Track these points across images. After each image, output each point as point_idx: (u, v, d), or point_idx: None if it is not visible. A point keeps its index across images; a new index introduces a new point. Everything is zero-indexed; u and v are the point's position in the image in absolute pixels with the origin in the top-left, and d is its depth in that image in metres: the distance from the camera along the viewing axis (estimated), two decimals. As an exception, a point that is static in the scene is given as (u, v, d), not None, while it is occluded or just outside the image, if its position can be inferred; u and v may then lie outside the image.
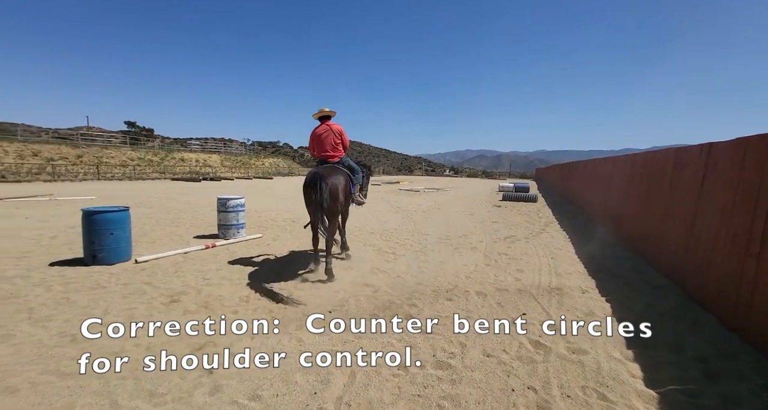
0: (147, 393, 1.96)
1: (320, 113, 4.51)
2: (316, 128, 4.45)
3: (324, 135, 4.37)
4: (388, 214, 9.58)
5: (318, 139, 4.38)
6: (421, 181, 32.49)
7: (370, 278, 4.01)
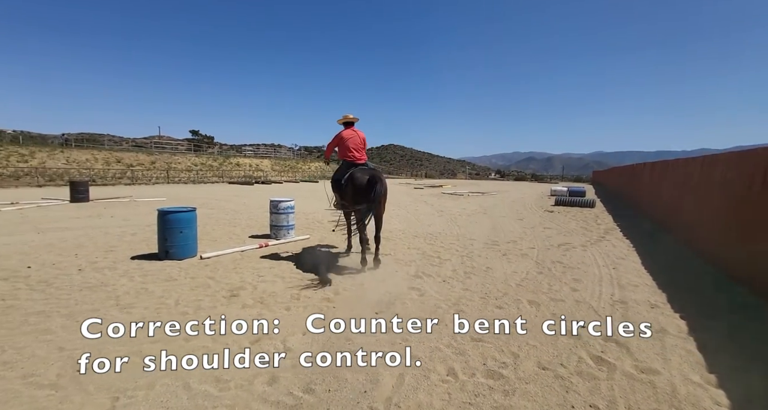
0: (213, 378, 2.14)
1: (344, 119, 4.76)
2: (344, 131, 4.72)
3: (353, 139, 4.65)
4: (431, 217, 9.48)
5: (347, 142, 4.64)
6: (464, 184, 31.72)
7: (415, 282, 3.99)
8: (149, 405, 1.89)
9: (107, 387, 2.02)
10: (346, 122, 4.76)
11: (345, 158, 4.69)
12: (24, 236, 6.11)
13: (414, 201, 14.35)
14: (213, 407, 1.87)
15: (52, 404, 1.87)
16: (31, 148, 23.56)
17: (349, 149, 4.64)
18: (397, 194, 18.31)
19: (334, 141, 4.76)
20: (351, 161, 4.64)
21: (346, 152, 4.66)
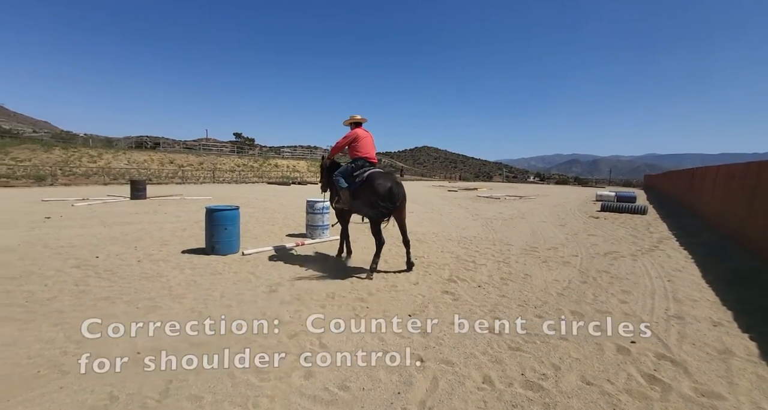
0: (254, 370, 2.25)
1: (352, 120, 4.67)
2: (358, 130, 4.62)
3: (368, 138, 4.62)
4: (466, 221, 9.28)
5: (363, 141, 4.55)
6: (501, 188, 30.74)
7: (449, 286, 3.94)
8: (198, 389, 2.03)
9: (162, 372, 2.20)
10: (355, 123, 4.66)
11: (360, 156, 4.51)
12: (93, 229, 6.81)
13: (448, 204, 14.14)
14: (255, 396, 1.97)
15: (116, 380, 2.07)
16: (99, 150, 26.25)
17: (365, 148, 4.51)
18: (431, 196, 18.13)
19: (347, 140, 4.57)
20: (365, 161, 4.52)
21: (361, 150, 4.51)
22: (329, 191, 5.08)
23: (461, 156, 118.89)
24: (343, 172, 4.61)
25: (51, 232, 6.32)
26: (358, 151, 4.53)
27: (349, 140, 4.57)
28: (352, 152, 4.58)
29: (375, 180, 4.18)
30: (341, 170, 4.64)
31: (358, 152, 4.52)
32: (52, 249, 5.10)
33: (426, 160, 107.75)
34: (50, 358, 2.29)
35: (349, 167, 4.61)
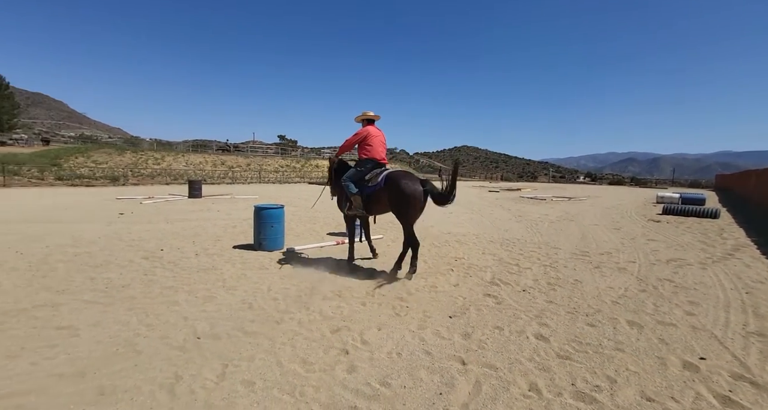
0: (300, 359, 2.36)
1: (364, 116, 4.36)
2: (369, 127, 4.28)
3: (379, 137, 4.28)
4: (508, 222, 8.94)
5: (375, 140, 4.21)
6: (547, 188, 29.16)
7: (491, 289, 3.82)
8: (251, 374, 2.17)
9: (219, 355, 2.39)
10: (367, 120, 4.34)
11: (371, 156, 4.18)
12: (158, 224, 7.53)
13: (489, 205, 13.70)
14: (301, 385, 2.06)
15: (181, 362, 2.28)
16: (162, 153, 28.95)
17: (375, 148, 4.18)
18: (471, 197, 17.69)
19: (357, 138, 4.24)
20: (375, 162, 4.19)
21: (372, 151, 4.18)
22: (338, 196, 4.68)
23: (503, 155, 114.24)
24: (352, 176, 4.24)
25: (124, 227, 7.09)
26: (367, 151, 4.20)
27: (359, 137, 4.23)
28: (361, 151, 4.25)
29: (399, 181, 3.92)
30: (349, 175, 4.27)
31: (368, 153, 4.20)
32: (126, 242, 5.72)
33: (465, 160, 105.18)
34: (126, 338, 2.58)
35: (358, 171, 4.24)
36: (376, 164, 4.22)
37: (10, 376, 2.07)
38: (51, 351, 2.36)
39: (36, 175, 18.04)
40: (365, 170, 4.20)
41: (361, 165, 4.23)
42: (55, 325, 2.74)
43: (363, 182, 4.18)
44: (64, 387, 1.99)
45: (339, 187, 4.49)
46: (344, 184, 4.25)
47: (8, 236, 5.80)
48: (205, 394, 1.97)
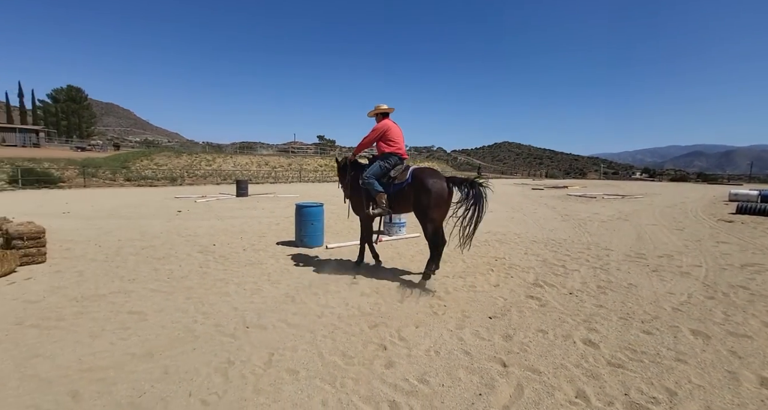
0: (340, 352, 2.44)
1: (378, 110, 4.12)
2: (387, 121, 4.04)
3: (399, 131, 4.04)
4: (553, 222, 8.48)
5: (397, 135, 3.99)
6: (597, 185, 27.20)
7: (534, 291, 3.66)
8: (295, 364, 2.29)
9: (265, 344, 2.54)
10: (383, 113, 4.12)
11: (394, 152, 3.93)
12: (210, 221, 8.13)
13: (532, 203, 13.09)
14: (342, 377, 2.13)
15: (232, 348, 2.47)
16: (213, 155, 31.16)
17: (397, 141, 3.96)
18: (512, 195, 17.01)
19: (377, 133, 3.96)
20: (398, 157, 3.94)
21: (394, 145, 3.95)
22: (354, 197, 4.31)
23: (548, 151, 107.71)
24: (376, 173, 3.93)
25: (182, 223, 7.75)
26: (389, 145, 3.93)
27: (379, 132, 3.95)
28: (382, 146, 3.99)
29: (427, 179, 3.72)
30: (373, 171, 3.92)
31: (390, 147, 3.93)
32: (183, 237, 6.25)
33: (506, 156, 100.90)
34: (185, 325, 2.83)
35: (382, 165, 3.93)
36: (400, 159, 3.98)
37: (93, 353, 2.37)
38: (125, 333, 2.66)
39: (109, 176, 20.28)
40: (389, 166, 3.92)
41: (385, 160, 3.93)
42: (127, 310, 3.09)
43: (387, 179, 3.92)
44: (136, 365, 2.24)
45: (356, 188, 4.17)
46: (367, 182, 3.91)
47: (89, 231, 6.60)
48: (254, 379, 2.11)
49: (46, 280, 3.82)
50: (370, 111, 4.21)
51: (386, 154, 3.94)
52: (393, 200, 3.93)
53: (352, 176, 4.22)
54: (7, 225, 4.50)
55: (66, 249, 5.13)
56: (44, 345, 2.45)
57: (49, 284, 3.68)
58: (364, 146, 4.07)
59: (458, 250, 5.44)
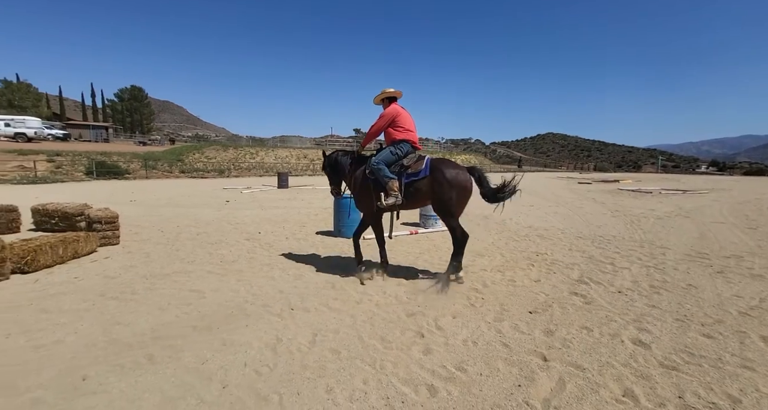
0: (379, 337, 2.53)
1: (385, 94, 3.74)
2: (396, 106, 3.70)
3: (409, 117, 3.69)
4: (602, 217, 7.97)
5: (408, 120, 3.65)
6: (654, 179, 24.99)
7: (578, 288, 3.51)
8: (337, 344, 2.42)
9: (309, 325, 2.70)
10: (389, 99, 3.75)
11: (406, 139, 3.58)
12: (255, 211, 8.64)
13: (578, 197, 12.36)
14: (381, 360, 2.23)
15: (280, 326, 2.66)
16: (256, 148, 32.79)
17: (411, 128, 3.63)
18: (556, 188, 16.17)
19: (386, 120, 3.60)
20: (410, 145, 3.60)
21: (407, 131, 3.60)
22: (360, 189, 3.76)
23: (596, 143, 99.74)
24: (386, 159, 3.54)
25: (230, 212, 8.31)
26: (399, 132, 3.59)
27: (388, 119, 3.60)
28: (392, 133, 3.63)
29: (449, 171, 3.42)
30: (383, 157, 3.54)
31: (401, 133, 3.58)
32: (232, 225, 6.72)
33: (550, 149, 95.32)
34: (238, 304, 3.08)
35: (394, 151, 3.56)
36: (413, 148, 3.65)
37: (163, 324, 2.68)
38: (187, 308, 2.97)
39: (167, 169, 22.14)
40: (402, 153, 3.56)
41: (396, 146, 3.57)
42: (188, 288, 3.42)
43: (399, 168, 3.53)
44: (198, 336, 2.50)
45: (360, 180, 3.73)
46: (376, 167, 3.50)
47: (153, 218, 7.31)
48: (300, 356, 2.27)
49: (120, 259, 4.33)
50: (376, 96, 3.84)
51: (397, 140, 3.58)
52: (405, 193, 3.53)
53: (359, 169, 3.77)
54: (89, 210, 5.13)
55: (134, 233, 5.75)
56: (123, 315, 2.80)
57: (123, 263, 4.17)
58: (374, 135, 3.76)
59: (496, 244, 5.38)
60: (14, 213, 5.57)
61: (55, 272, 3.76)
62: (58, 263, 3.98)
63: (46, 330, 2.52)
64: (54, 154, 19.45)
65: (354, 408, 1.79)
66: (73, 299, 3.08)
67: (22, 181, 14.85)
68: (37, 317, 2.72)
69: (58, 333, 2.49)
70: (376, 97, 3.85)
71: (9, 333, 2.47)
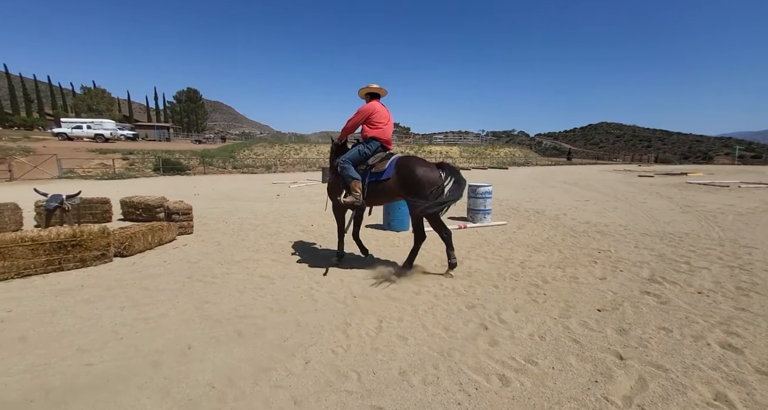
0: (442, 327, 2.60)
1: (369, 89, 3.77)
2: (375, 103, 3.69)
3: (386, 115, 3.69)
4: (670, 213, 7.32)
5: (382, 117, 3.64)
6: (730, 172, 22.27)
7: (651, 287, 3.30)
8: (402, 331, 2.52)
9: (373, 312, 2.84)
10: (371, 94, 3.79)
11: (377, 137, 3.61)
12: (304, 204, 9.06)
13: (639, 191, 11.42)
14: (448, 348, 2.29)
15: (346, 312, 2.83)
16: (299, 144, 34.07)
17: (385, 126, 3.65)
18: (612, 182, 15.05)
19: (362, 116, 3.63)
20: (380, 143, 3.63)
21: (377, 126, 3.61)
22: (332, 180, 3.98)
23: (658, 132, 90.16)
24: (353, 158, 3.61)
25: (282, 206, 8.79)
26: (372, 128, 3.61)
27: (364, 115, 3.62)
28: (365, 129, 3.64)
29: (415, 169, 3.39)
30: (350, 156, 3.61)
31: (373, 129, 3.61)
32: (286, 218, 7.12)
33: (604, 139, 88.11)
34: (304, 290, 3.31)
35: (362, 150, 3.62)
36: (382, 147, 3.68)
37: (243, 304, 2.97)
38: (261, 292, 3.25)
39: (221, 165, 23.82)
40: (369, 152, 3.62)
41: (366, 144, 3.64)
42: (258, 274, 3.73)
43: (364, 167, 3.60)
44: (274, 317, 2.74)
45: (334, 171, 3.91)
46: (342, 165, 3.59)
47: (215, 210, 7.96)
48: (369, 340, 2.40)
49: (196, 247, 4.81)
50: (361, 88, 3.88)
51: (368, 138, 3.64)
52: (368, 192, 3.58)
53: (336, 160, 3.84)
54: (167, 203, 5.73)
55: (203, 224, 6.32)
56: (209, 295, 3.14)
57: (200, 250, 4.63)
58: (349, 130, 3.81)
59: (552, 240, 5.18)
60: (107, 205, 6.38)
61: (147, 257, 4.28)
62: (147, 248, 4.52)
63: (150, 305, 2.91)
64: (127, 153, 21.75)
65: (429, 390, 1.88)
66: (166, 280, 3.51)
67: (103, 177, 16.83)
68: (142, 293, 3.15)
69: (161, 308, 2.87)
70: (361, 90, 3.90)
71: (123, 306, 2.89)
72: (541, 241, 5.18)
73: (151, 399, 1.82)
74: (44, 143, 23.73)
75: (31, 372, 2.02)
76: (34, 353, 2.22)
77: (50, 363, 2.11)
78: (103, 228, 3.96)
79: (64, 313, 2.77)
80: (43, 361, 2.13)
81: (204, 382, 1.94)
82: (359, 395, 1.85)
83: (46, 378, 1.98)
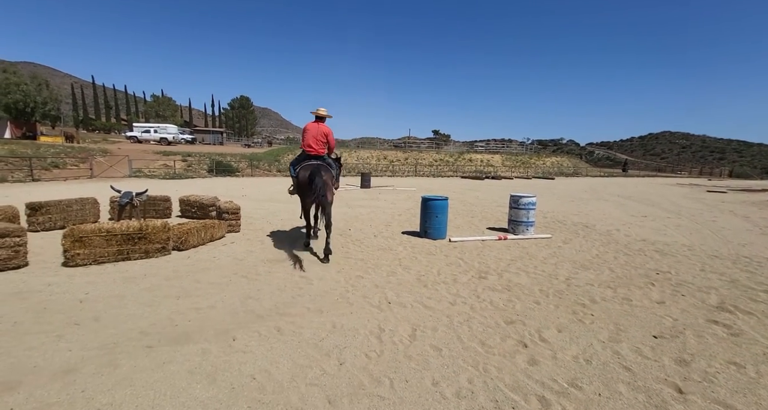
0: (479, 341, 2.52)
1: (316, 112, 4.98)
2: (309, 123, 4.95)
3: (311, 131, 4.85)
4: (746, 234, 6.50)
5: (306, 133, 4.87)
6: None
7: (719, 316, 2.95)
8: (436, 341, 2.49)
9: (407, 320, 2.83)
10: (318, 116, 4.96)
11: (303, 148, 4.91)
12: (342, 209, 9.28)
13: (708, 208, 10.29)
14: (484, 363, 2.22)
15: (380, 318, 2.85)
16: (339, 149, 35.01)
17: (307, 139, 4.85)
18: (675, 197, 13.71)
19: (302, 133, 5.07)
20: (307, 152, 4.84)
21: (303, 142, 4.92)
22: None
23: (734, 142, 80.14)
24: (294, 162, 5.11)
25: (322, 209, 9.07)
26: (302, 143, 4.96)
27: (302, 132, 5.03)
28: (301, 143, 5.03)
29: (300, 171, 4.67)
30: (293, 160, 5.14)
31: (303, 145, 4.94)
32: (326, 220, 7.33)
33: (666, 150, 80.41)
34: (340, 293, 3.39)
35: (296, 158, 5.10)
36: (307, 156, 4.85)
37: (283, 302, 3.10)
38: (300, 291, 3.38)
39: (267, 168, 25.19)
40: (298, 159, 4.98)
41: (299, 155, 5.05)
42: (298, 274, 3.88)
43: (294, 169, 4.98)
44: (311, 317, 2.83)
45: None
46: (289, 167, 5.25)
47: (261, 211, 8.42)
48: (403, 347, 2.40)
49: (243, 245, 5.12)
50: (312, 111, 5.05)
51: (302, 150, 4.96)
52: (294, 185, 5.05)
53: None
54: (219, 202, 6.18)
55: (250, 223, 6.71)
56: (252, 291, 3.33)
57: (246, 248, 4.92)
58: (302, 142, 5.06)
59: (602, 257, 4.83)
60: (168, 202, 7.01)
61: (200, 251, 4.64)
62: (200, 244, 4.90)
63: (201, 296, 3.15)
64: (186, 155, 23.77)
65: (462, 404, 1.84)
66: (215, 274, 3.78)
67: (165, 176, 18.54)
68: (194, 285, 3.42)
69: (210, 299, 3.09)
70: (312, 111, 5.10)
71: (179, 295, 3.16)
72: (589, 257, 4.85)
73: (200, 384, 1.96)
74: (119, 145, 26.75)
75: (104, 350, 2.28)
76: (105, 332, 2.50)
77: (118, 343, 2.36)
78: (165, 223, 4.37)
79: (130, 298, 3.08)
80: (112, 341, 2.39)
81: (246, 373, 2.06)
82: (392, 401, 1.85)
83: (114, 355, 2.21)
